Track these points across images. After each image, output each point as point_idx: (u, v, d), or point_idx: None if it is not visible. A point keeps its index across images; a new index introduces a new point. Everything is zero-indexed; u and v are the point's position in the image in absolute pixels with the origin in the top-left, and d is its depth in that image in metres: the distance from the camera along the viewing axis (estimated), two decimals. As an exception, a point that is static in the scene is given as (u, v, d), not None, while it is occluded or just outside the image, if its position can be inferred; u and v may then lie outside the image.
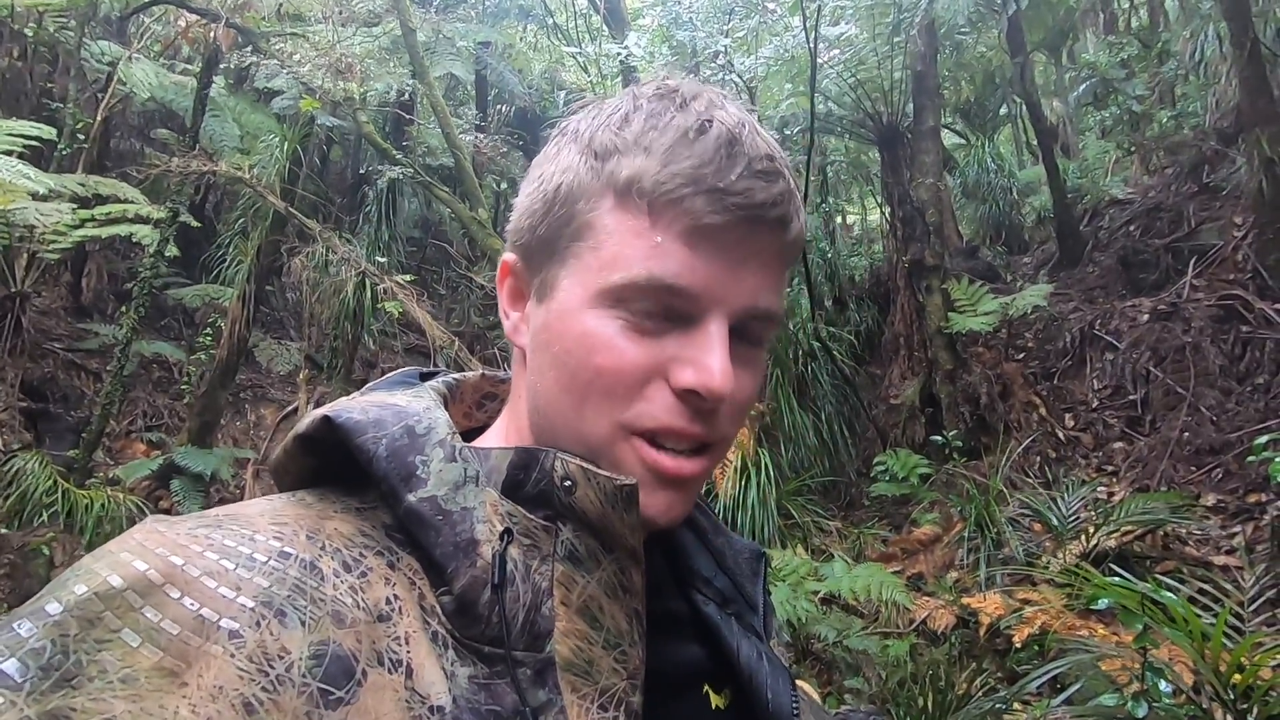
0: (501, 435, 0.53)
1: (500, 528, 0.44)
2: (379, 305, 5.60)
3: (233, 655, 0.35)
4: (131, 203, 5.40)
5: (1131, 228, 6.40)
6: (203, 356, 6.74)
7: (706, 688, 0.52)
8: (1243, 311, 4.73)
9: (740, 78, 5.26)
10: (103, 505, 4.82)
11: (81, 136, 6.50)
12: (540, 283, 0.49)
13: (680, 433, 0.45)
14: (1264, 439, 2.47)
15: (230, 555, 0.38)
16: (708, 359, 0.44)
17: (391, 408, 0.46)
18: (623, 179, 0.45)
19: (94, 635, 0.34)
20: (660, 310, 0.45)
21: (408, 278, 5.72)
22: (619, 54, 5.76)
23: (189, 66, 7.54)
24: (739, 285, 0.45)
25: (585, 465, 0.45)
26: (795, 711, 0.51)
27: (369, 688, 0.37)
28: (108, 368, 5.67)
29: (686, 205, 0.44)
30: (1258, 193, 4.69)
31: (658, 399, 0.45)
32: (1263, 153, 4.54)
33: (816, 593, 3.61)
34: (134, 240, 5.56)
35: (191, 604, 0.36)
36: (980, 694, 2.72)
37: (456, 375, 0.57)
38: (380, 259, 6.32)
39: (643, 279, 0.44)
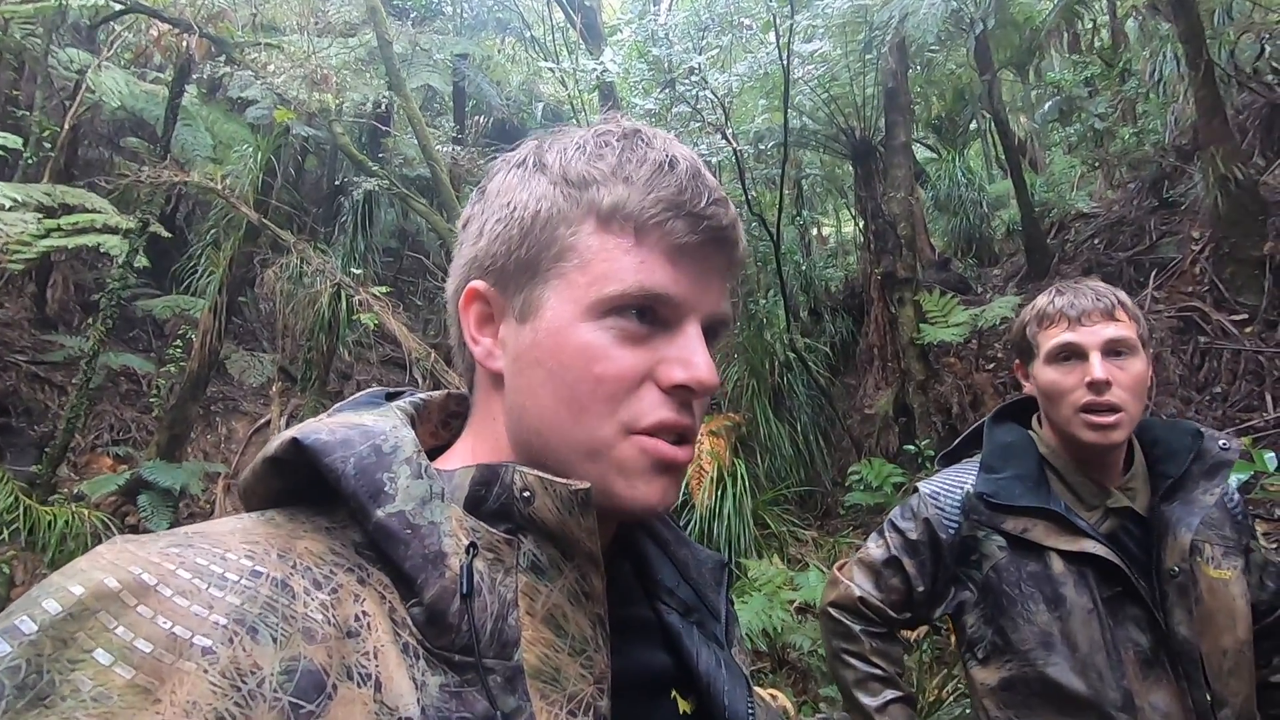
0: (464, 455, 0.54)
1: (465, 541, 0.45)
2: (354, 317, 5.55)
3: (206, 671, 0.36)
4: (99, 212, 5.30)
5: (1096, 241, 6.58)
6: (172, 369, 6.62)
7: (674, 693, 0.53)
8: (1200, 323, 4.88)
9: (715, 93, 5.33)
10: (66, 522, 4.69)
11: (48, 145, 6.38)
12: (522, 304, 0.51)
13: (673, 425, 0.50)
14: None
15: (202, 574, 0.39)
16: (694, 357, 0.50)
17: (359, 428, 0.47)
18: (606, 204, 0.50)
19: (67, 655, 0.34)
20: (648, 318, 0.50)
21: (384, 289, 5.68)
22: (595, 69, 5.81)
23: (160, 75, 7.45)
24: (708, 294, 0.52)
25: (542, 475, 0.47)
26: (751, 717, 0.53)
27: (339, 701, 0.38)
28: (73, 380, 5.55)
29: (669, 227, 0.50)
30: (1213, 208, 4.85)
31: (649, 398, 0.50)
32: (1217, 170, 4.70)
33: (792, 602, 3.64)
34: (102, 251, 5.46)
35: (165, 622, 0.37)
36: (951, 699, 2.76)
37: (423, 395, 0.58)
38: (356, 270, 6.27)
39: (635, 289, 0.49)
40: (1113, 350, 1.17)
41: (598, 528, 0.47)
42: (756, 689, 0.59)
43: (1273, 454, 1.91)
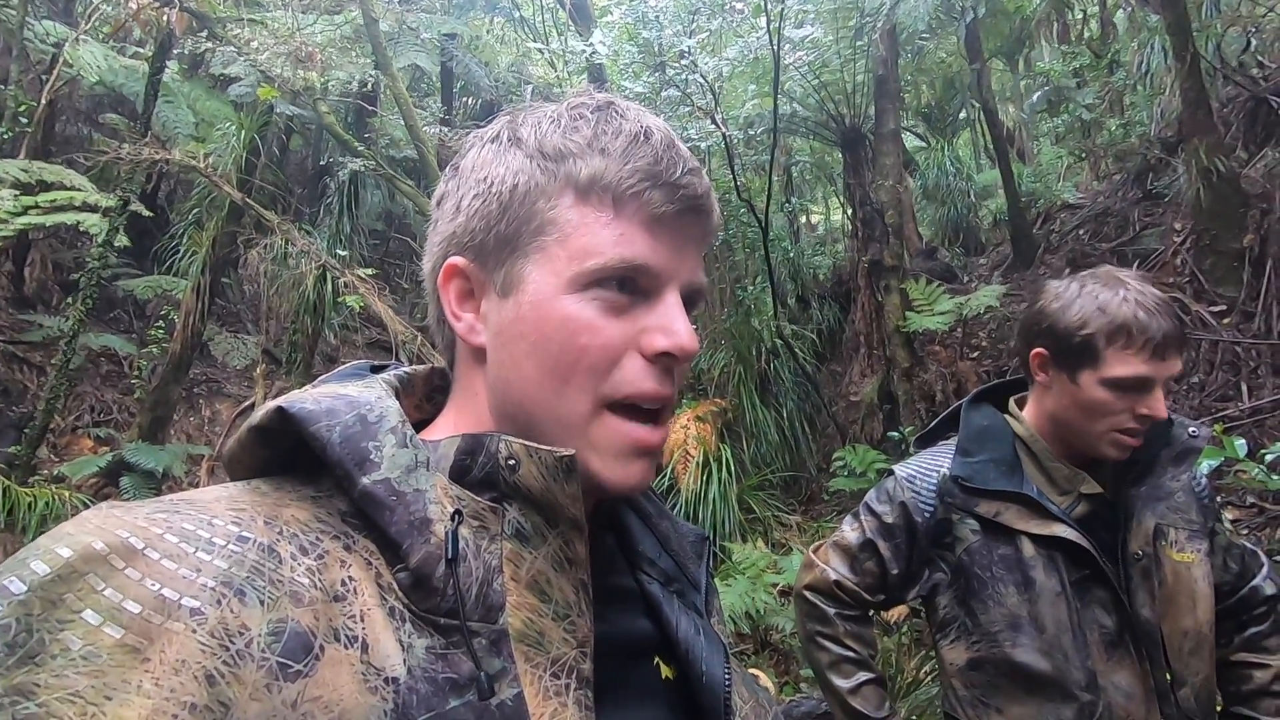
0: (447, 428, 0.55)
1: (451, 509, 0.46)
2: (340, 299, 5.50)
3: (194, 631, 0.37)
4: (78, 190, 5.20)
5: (1081, 231, 6.64)
6: (154, 350, 6.54)
7: (657, 659, 0.55)
8: (1180, 314, 4.95)
9: (705, 77, 5.30)
10: (47, 503, 4.65)
11: (25, 120, 6.24)
12: (504, 278, 0.52)
13: (654, 394, 0.51)
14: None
15: (189, 538, 0.40)
16: (675, 325, 0.51)
17: (344, 398, 0.48)
18: (584, 177, 0.50)
19: (56, 615, 0.35)
20: (629, 289, 0.51)
21: (370, 271, 5.63)
22: (584, 51, 5.76)
23: (140, 50, 7.29)
24: (685, 263, 0.53)
25: (527, 443, 0.48)
26: (728, 683, 0.54)
27: (326, 662, 0.39)
28: (52, 361, 5.47)
29: (646, 197, 0.50)
30: (1195, 200, 4.90)
31: (631, 367, 0.50)
32: (1200, 162, 4.75)
33: (775, 585, 3.68)
34: (81, 229, 5.36)
35: (153, 584, 0.37)
36: (929, 680, 2.82)
37: (408, 369, 0.59)
38: (341, 252, 6.20)
39: (615, 262, 0.49)
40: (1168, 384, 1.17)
41: (581, 494, 0.48)
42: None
43: (1243, 441, 1.95)
